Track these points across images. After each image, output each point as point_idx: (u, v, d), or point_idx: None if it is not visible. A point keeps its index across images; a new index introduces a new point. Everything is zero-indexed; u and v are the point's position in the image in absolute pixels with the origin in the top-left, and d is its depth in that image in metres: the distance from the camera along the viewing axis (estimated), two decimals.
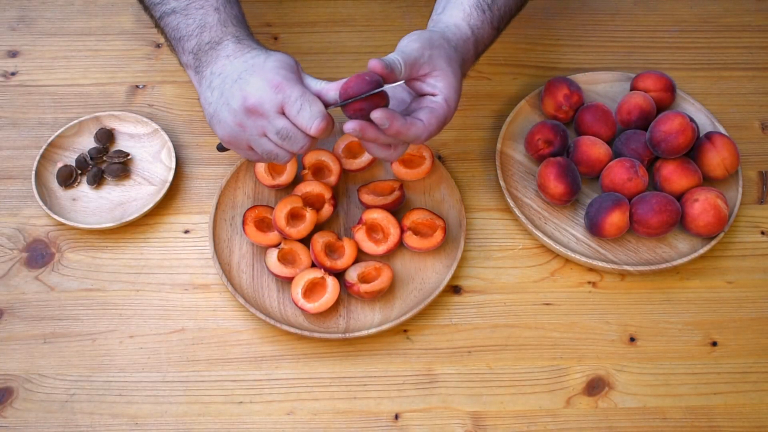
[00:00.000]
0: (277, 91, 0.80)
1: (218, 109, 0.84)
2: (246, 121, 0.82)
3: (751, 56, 1.14)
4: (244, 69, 0.83)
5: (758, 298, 0.94)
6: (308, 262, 0.92)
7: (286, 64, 0.83)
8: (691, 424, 0.86)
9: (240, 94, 0.82)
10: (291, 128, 0.81)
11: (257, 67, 0.82)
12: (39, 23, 1.17)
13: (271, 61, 0.83)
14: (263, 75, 0.81)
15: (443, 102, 0.83)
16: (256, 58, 0.84)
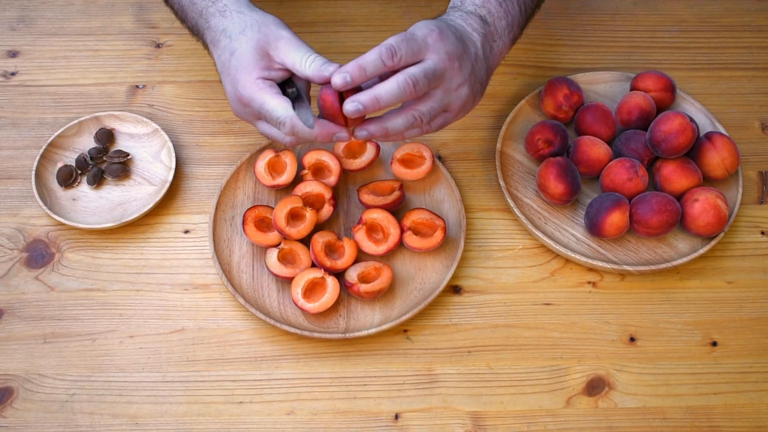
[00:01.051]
0: (245, 106, 0.85)
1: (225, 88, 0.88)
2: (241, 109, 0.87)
3: (751, 56, 1.14)
4: (221, 70, 0.87)
5: (758, 298, 0.94)
6: (308, 262, 0.92)
7: (249, 59, 0.83)
8: (691, 424, 0.86)
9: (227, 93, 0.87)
10: (271, 130, 0.85)
11: (225, 71, 0.86)
12: (39, 23, 1.17)
13: (233, 65, 0.85)
14: (230, 83, 0.85)
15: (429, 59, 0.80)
16: (224, 54, 0.86)
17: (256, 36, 0.84)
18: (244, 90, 0.84)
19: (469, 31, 0.87)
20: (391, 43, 0.79)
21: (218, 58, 0.87)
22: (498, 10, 0.90)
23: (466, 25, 0.87)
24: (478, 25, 0.88)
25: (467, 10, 0.89)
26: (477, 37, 0.87)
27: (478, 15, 0.89)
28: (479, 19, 0.89)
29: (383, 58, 0.78)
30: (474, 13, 0.89)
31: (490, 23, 0.89)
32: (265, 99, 0.82)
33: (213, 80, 1.10)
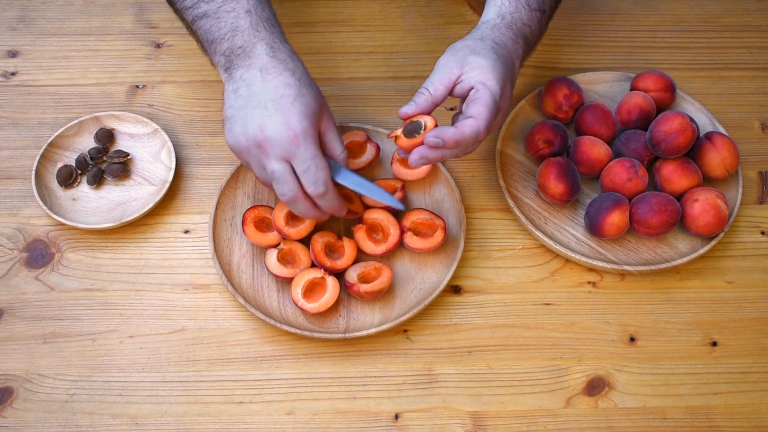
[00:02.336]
0: (293, 143, 0.82)
1: (235, 120, 0.85)
2: (252, 148, 0.84)
3: (751, 56, 1.14)
4: (272, 99, 0.83)
5: (758, 298, 0.94)
6: (308, 262, 0.92)
7: (312, 111, 0.84)
8: (691, 424, 0.86)
9: (259, 123, 0.83)
10: (287, 176, 0.84)
11: (284, 106, 0.83)
12: (39, 23, 1.17)
13: (299, 104, 0.83)
14: (286, 118, 0.82)
15: (482, 87, 0.84)
16: (287, 90, 0.84)
17: (321, 98, 0.87)
18: (304, 133, 0.82)
19: (515, 62, 0.90)
20: (488, 120, 0.84)
21: (274, 89, 0.84)
22: (537, 28, 0.94)
23: (514, 54, 0.90)
24: (522, 51, 0.92)
25: (517, 29, 0.91)
26: (518, 65, 0.92)
27: (524, 36, 0.91)
28: (524, 41, 0.92)
29: (479, 137, 0.84)
30: (521, 33, 0.91)
31: (530, 42, 0.93)
32: (321, 155, 0.84)
33: (213, 80, 1.10)
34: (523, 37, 0.91)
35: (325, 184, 0.84)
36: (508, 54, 0.88)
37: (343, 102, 1.09)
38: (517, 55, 0.90)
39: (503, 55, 0.87)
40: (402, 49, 1.14)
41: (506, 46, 0.89)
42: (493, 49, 0.87)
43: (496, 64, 0.86)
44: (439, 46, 1.14)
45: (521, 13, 0.91)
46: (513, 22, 0.91)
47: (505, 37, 0.90)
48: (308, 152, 0.83)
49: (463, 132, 0.83)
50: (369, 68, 1.12)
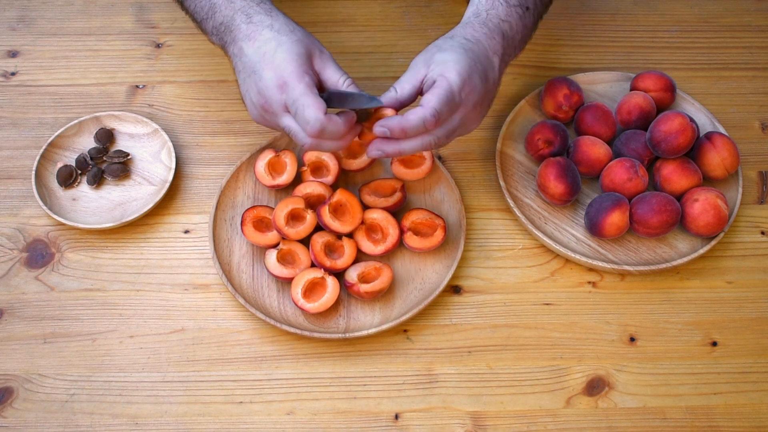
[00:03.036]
0: (281, 90, 0.83)
1: (245, 96, 0.89)
2: (264, 113, 0.87)
3: (751, 56, 1.14)
4: (257, 60, 0.85)
5: (758, 298, 0.94)
6: (308, 263, 0.92)
7: (295, 54, 0.84)
8: (691, 424, 0.86)
9: (255, 89, 0.85)
10: (294, 126, 0.84)
11: (267, 59, 0.84)
12: (39, 23, 1.17)
13: (281, 52, 0.84)
14: (273, 69, 0.84)
15: (440, 78, 0.84)
16: (267, 46, 0.85)
17: (306, 39, 0.86)
18: (289, 76, 0.83)
19: (490, 56, 0.89)
20: (435, 108, 0.82)
21: (256, 50, 0.86)
22: (518, 24, 0.92)
23: (489, 49, 0.89)
24: (500, 46, 0.90)
25: (492, 25, 0.90)
26: (496, 61, 0.89)
27: (501, 31, 0.90)
28: (501, 36, 0.90)
29: (427, 124, 0.82)
30: (497, 28, 0.90)
31: (510, 38, 0.91)
32: (307, 92, 0.82)
33: (213, 80, 1.10)
34: (500, 33, 0.90)
35: (317, 120, 0.81)
36: (479, 48, 0.88)
37: None
38: (494, 50, 0.89)
39: (472, 50, 0.87)
40: (402, 49, 1.14)
41: (478, 41, 0.88)
42: (461, 45, 0.87)
43: (460, 57, 0.85)
44: None
45: (498, 10, 0.91)
46: (488, 19, 0.90)
47: (478, 33, 0.89)
48: (293, 94, 0.83)
49: (408, 119, 0.82)
50: (369, 68, 1.12)
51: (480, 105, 0.87)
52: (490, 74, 0.88)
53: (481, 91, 0.86)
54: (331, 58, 0.88)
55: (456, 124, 0.85)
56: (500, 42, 0.90)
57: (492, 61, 0.89)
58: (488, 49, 0.89)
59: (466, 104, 0.85)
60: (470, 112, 0.86)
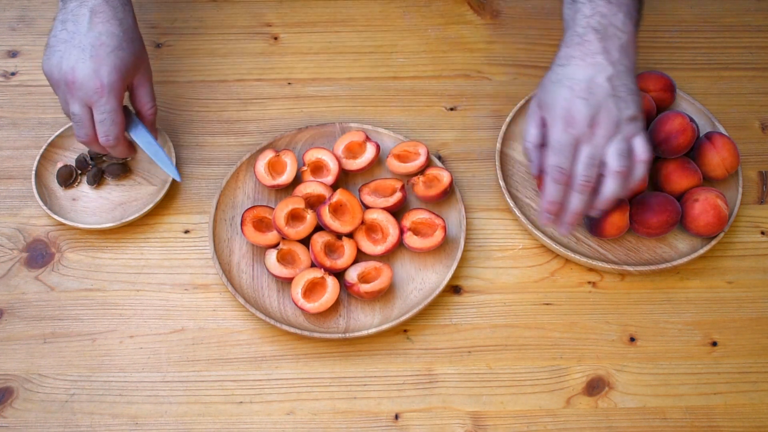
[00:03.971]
0: (96, 92, 0.88)
1: (54, 51, 0.90)
2: (62, 85, 0.90)
3: (751, 56, 1.14)
4: (91, 44, 0.89)
5: (758, 298, 0.94)
6: (308, 263, 0.92)
7: (125, 66, 0.90)
8: (691, 424, 0.86)
9: (72, 64, 0.88)
10: (86, 120, 0.90)
11: (100, 54, 0.89)
12: (39, 23, 1.17)
13: (114, 57, 0.89)
14: (98, 67, 0.88)
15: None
16: (108, 40, 0.89)
17: (140, 55, 0.93)
18: (110, 88, 0.88)
19: (586, 68, 0.85)
20: (552, 137, 0.85)
21: (97, 35, 0.89)
22: (609, 9, 0.87)
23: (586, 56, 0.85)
24: (598, 44, 0.85)
25: (581, 29, 0.86)
26: (604, 70, 0.85)
27: (593, 29, 0.86)
28: (594, 33, 0.86)
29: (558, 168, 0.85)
30: (590, 28, 0.86)
31: (603, 28, 0.86)
32: (118, 110, 0.91)
33: (213, 80, 1.10)
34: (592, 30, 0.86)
35: (116, 138, 0.91)
36: (572, 69, 0.85)
37: (343, 102, 1.09)
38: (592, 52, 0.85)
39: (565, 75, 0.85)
40: (402, 49, 1.14)
41: (570, 57, 0.86)
42: (556, 80, 0.86)
43: (554, 96, 0.85)
44: (439, 46, 1.14)
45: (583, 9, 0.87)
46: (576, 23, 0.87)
47: (570, 48, 0.87)
48: (108, 105, 0.89)
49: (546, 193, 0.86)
50: (369, 68, 1.12)
51: (604, 107, 0.84)
52: (597, 82, 0.84)
53: (590, 104, 0.83)
54: (150, 80, 0.95)
55: (591, 152, 0.84)
56: (596, 39, 0.86)
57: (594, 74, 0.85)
58: (584, 62, 0.85)
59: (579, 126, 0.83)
60: (601, 119, 0.83)
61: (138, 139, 0.95)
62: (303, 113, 1.08)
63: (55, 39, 0.91)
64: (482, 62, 1.13)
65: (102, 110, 0.89)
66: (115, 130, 0.90)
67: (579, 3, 0.88)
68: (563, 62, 0.87)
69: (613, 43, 0.86)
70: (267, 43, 1.14)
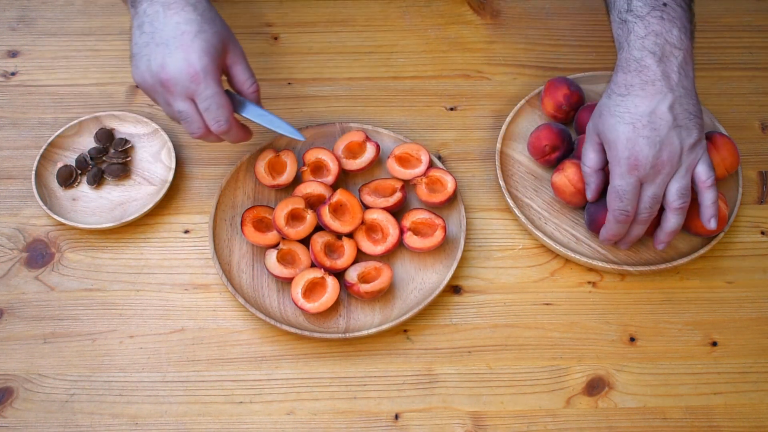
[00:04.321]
0: (193, 80, 0.85)
1: (140, 57, 0.88)
2: (158, 87, 0.87)
3: (751, 56, 1.14)
4: (173, 36, 0.86)
5: (758, 298, 0.94)
6: (308, 263, 0.92)
7: (213, 47, 0.86)
8: (691, 424, 0.86)
9: (161, 61, 0.86)
10: (193, 114, 0.87)
11: (185, 43, 0.85)
12: (39, 23, 1.17)
13: (199, 41, 0.85)
14: (187, 55, 0.85)
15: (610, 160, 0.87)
16: (188, 27, 0.86)
17: (224, 32, 0.88)
18: (205, 72, 0.85)
19: (648, 101, 0.84)
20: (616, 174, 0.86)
21: (175, 25, 0.86)
22: (662, 26, 0.85)
23: (647, 92, 0.84)
24: (663, 85, 0.84)
25: (637, 53, 0.85)
26: (665, 99, 0.84)
27: (650, 52, 0.84)
28: (652, 57, 0.84)
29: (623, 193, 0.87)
30: (645, 51, 0.84)
31: (660, 49, 0.85)
32: (221, 93, 0.86)
33: None
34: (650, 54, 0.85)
35: (227, 121, 0.87)
36: (633, 106, 0.84)
37: (343, 102, 1.09)
38: (651, 80, 0.84)
39: (628, 111, 0.85)
40: (402, 49, 1.14)
41: (631, 94, 0.85)
42: (619, 117, 0.85)
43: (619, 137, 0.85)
44: (439, 46, 1.14)
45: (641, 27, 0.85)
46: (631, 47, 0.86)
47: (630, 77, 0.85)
48: (208, 90, 0.85)
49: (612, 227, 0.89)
50: (369, 68, 1.12)
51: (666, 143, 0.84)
52: (658, 114, 0.84)
53: (653, 142, 0.83)
54: (243, 57, 0.90)
55: (655, 191, 0.86)
56: (653, 63, 0.84)
57: (655, 106, 0.84)
58: (645, 92, 0.84)
59: (642, 169, 0.84)
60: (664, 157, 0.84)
61: (249, 116, 0.91)
62: (303, 113, 1.08)
63: (136, 46, 0.88)
64: (482, 62, 1.13)
65: (204, 97, 0.85)
66: (224, 113, 0.87)
67: (630, 22, 0.86)
68: (623, 91, 0.86)
69: (671, 64, 0.85)
70: (267, 43, 1.14)
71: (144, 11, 0.88)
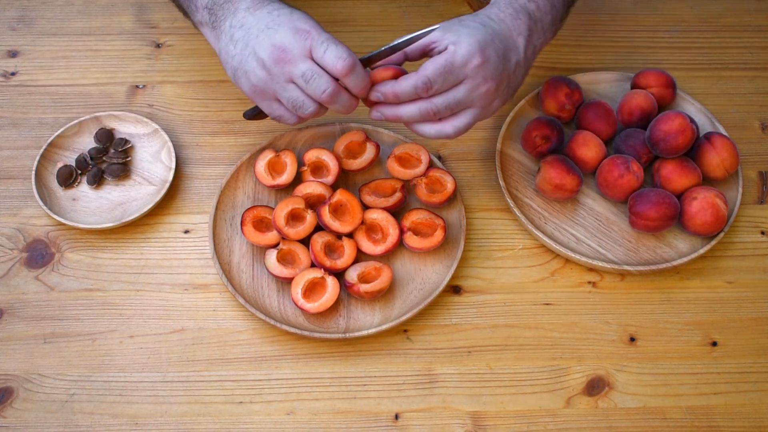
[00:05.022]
0: (305, 36, 0.83)
1: (243, 60, 0.85)
2: (273, 68, 0.83)
3: (751, 56, 1.14)
4: (270, 20, 0.85)
5: (758, 298, 0.94)
6: (308, 262, 0.92)
7: (311, 18, 0.85)
8: (691, 424, 0.86)
9: (268, 42, 0.83)
10: (316, 69, 0.83)
11: (284, 18, 0.84)
12: (39, 23, 1.17)
13: (298, 14, 0.85)
14: (291, 24, 0.83)
15: (445, 48, 0.84)
16: (281, 10, 0.85)
17: (306, 14, 0.86)
18: (312, 27, 0.83)
19: (514, 36, 0.88)
20: (428, 76, 0.83)
21: (268, 13, 0.85)
22: (546, 4, 0.91)
23: (514, 29, 0.88)
24: (525, 27, 0.88)
25: (518, 5, 0.89)
26: (522, 42, 0.88)
27: (527, 12, 0.89)
28: (528, 17, 0.89)
29: (418, 91, 0.83)
30: (523, 9, 0.89)
31: (537, 19, 0.90)
32: (334, 38, 0.83)
33: (213, 80, 1.10)
34: (526, 13, 0.89)
35: (347, 52, 0.82)
36: (502, 27, 0.87)
37: None
38: (519, 30, 0.88)
39: (493, 27, 0.86)
40: None
41: (502, 20, 0.88)
42: (482, 22, 0.86)
43: (475, 32, 0.84)
44: None
45: None
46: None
47: (503, 13, 0.88)
48: (320, 37, 0.82)
49: (401, 85, 0.83)
50: None
51: (495, 82, 0.85)
52: (512, 54, 0.87)
53: (497, 68, 0.85)
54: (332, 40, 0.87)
55: (460, 96, 0.84)
56: (526, 22, 0.88)
57: (516, 41, 0.88)
58: (512, 30, 0.88)
59: (474, 77, 0.84)
60: (481, 88, 0.84)
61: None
62: None
63: (236, 58, 0.86)
64: None
65: (320, 42, 0.82)
66: (344, 48, 0.82)
67: None
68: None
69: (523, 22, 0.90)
70: None
71: (230, 25, 0.87)
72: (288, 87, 0.84)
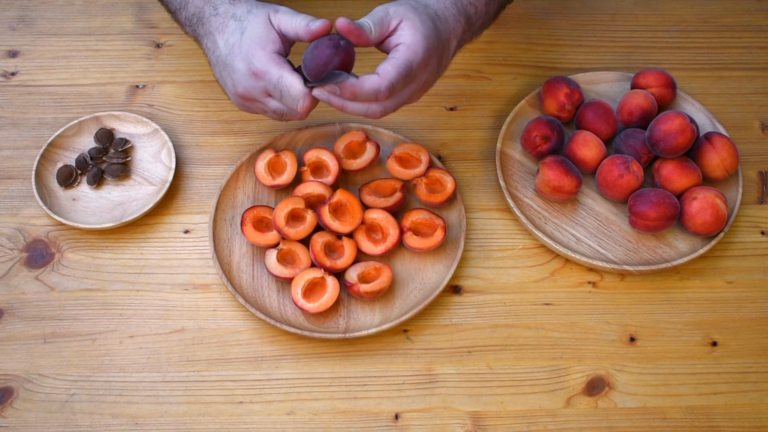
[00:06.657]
0: (257, 79, 0.85)
1: (223, 86, 0.91)
2: (245, 102, 0.89)
3: (751, 56, 1.15)
4: (227, 53, 0.87)
5: (758, 298, 0.94)
6: (308, 263, 0.92)
7: (258, 36, 0.85)
8: (691, 424, 0.86)
9: (231, 80, 0.88)
10: (282, 107, 0.87)
11: (236, 50, 0.86)
12: (39, 23, 1.17)
13: (246, 40, 0.86)
14: (243, 59, 0.86)
15: (405, 49, 0.84)
16: (233, 37, 0.87)
17: (261, 11, 0.87)
18: (260, 63, 0.84)
19: (451, 39, 0.90)
20: (392, 81, 0.82)
21: (225, 42, 0.87)
22: (482, 9, 0.93)
23: (452, 31, 0.89)
24: (461, 30, 0.91)
25: (461, 6, 0.90)
26: (454, 44, 0.91)
27: (467, 15, 0.91)
28: (466, 20, 0.91)
29: (379, 95, 0.83)
30: (464, 10, 0.90)
31: (473, 23, 0.92)
32: (283, 74, 0.84)
33: (213, 80, 1.10)
34: (465, 16, 0.90)
35: (302, 94, 0.83)
36: (446, 30, 0.88)
37: None
38: (456, 33, 0.89)
39: (440, 30, 0.87)
40: None
41: (446, 21, 0.88)
42: (432, 20, 0.86)
43: (429, 34, 0.84)
44: None
45: None
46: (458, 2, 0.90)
47: (448, 12, 0.89)
48: (271, 80, 0.84)
49: (362, 86, 0.82)
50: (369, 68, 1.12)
51: (428, 84, 0.88)
52: (445, 58, 0.89)
53: (434, 72, 0.88)
54: (287, 11, 0.87)
55: (405, 97, 0.86)
56: (462, 25, 0.90)
57: (451, 44, 0.90)
58: (450, 32, 0.89)
59: (418, 81, 0.86)
60: (418, 90, 0.87)
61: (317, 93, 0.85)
62: None
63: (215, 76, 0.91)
64: (482, 62, 1.13)
65: (272, 87, 0.84)
66: (297, 91, 0.83)
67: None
68: None
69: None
70: None
71: (206, 47, 0.91)
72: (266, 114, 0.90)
